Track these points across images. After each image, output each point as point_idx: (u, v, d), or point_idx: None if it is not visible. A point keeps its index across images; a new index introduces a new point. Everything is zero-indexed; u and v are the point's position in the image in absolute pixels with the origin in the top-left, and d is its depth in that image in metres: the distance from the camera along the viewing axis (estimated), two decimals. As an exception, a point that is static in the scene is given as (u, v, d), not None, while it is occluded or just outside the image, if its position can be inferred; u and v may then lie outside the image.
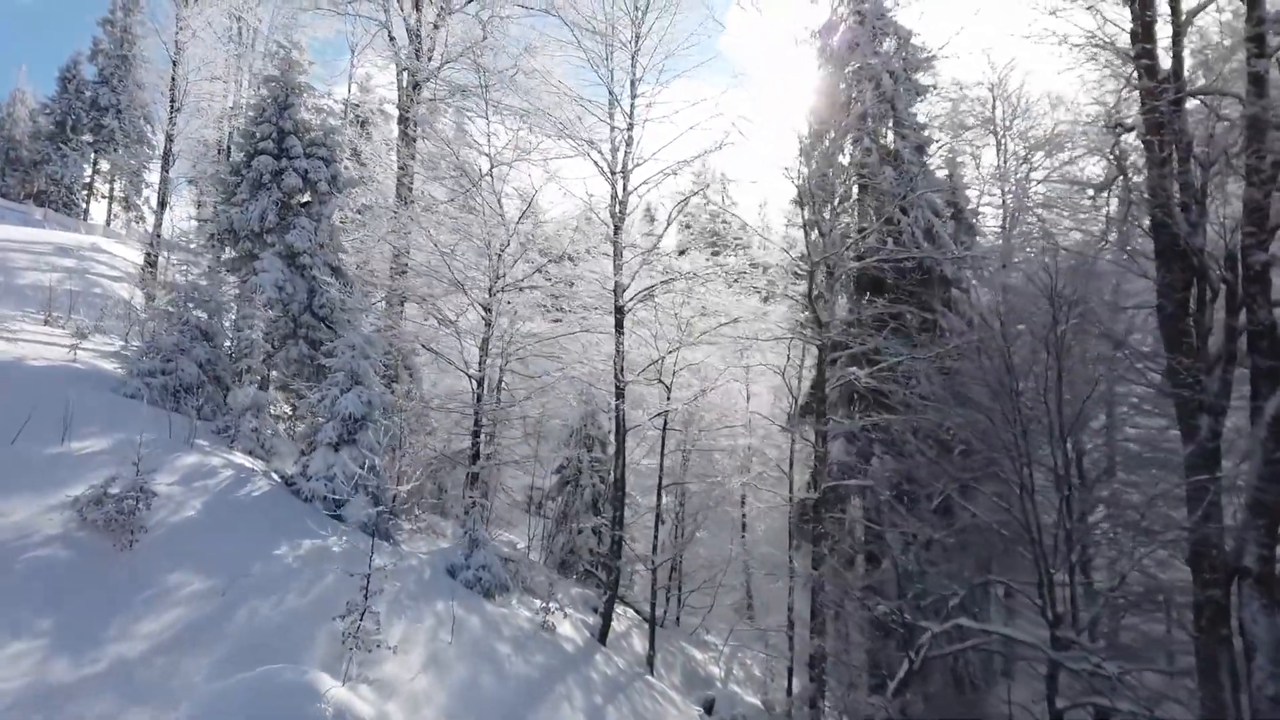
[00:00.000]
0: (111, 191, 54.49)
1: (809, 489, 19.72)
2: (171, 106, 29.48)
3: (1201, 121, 13.85)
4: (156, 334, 16.21)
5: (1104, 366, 12.45)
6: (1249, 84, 12.83)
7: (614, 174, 17.50)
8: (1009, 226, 25.13)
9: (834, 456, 18.01)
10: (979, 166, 26.47)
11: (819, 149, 17.58)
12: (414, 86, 23.18)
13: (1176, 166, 13.30)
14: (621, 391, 17.06)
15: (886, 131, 20.14)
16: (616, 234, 17.41)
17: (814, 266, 16.46)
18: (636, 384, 18.51)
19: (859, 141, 19.31)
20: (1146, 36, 13.54)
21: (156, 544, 9.84)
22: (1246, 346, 12.58)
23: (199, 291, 16.49)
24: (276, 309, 18.15)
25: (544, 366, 21.19)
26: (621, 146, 17.52)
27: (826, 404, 17.11)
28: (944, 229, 19.35)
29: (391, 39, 24.38)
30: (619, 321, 17.28)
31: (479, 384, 18.93)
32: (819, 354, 17.83)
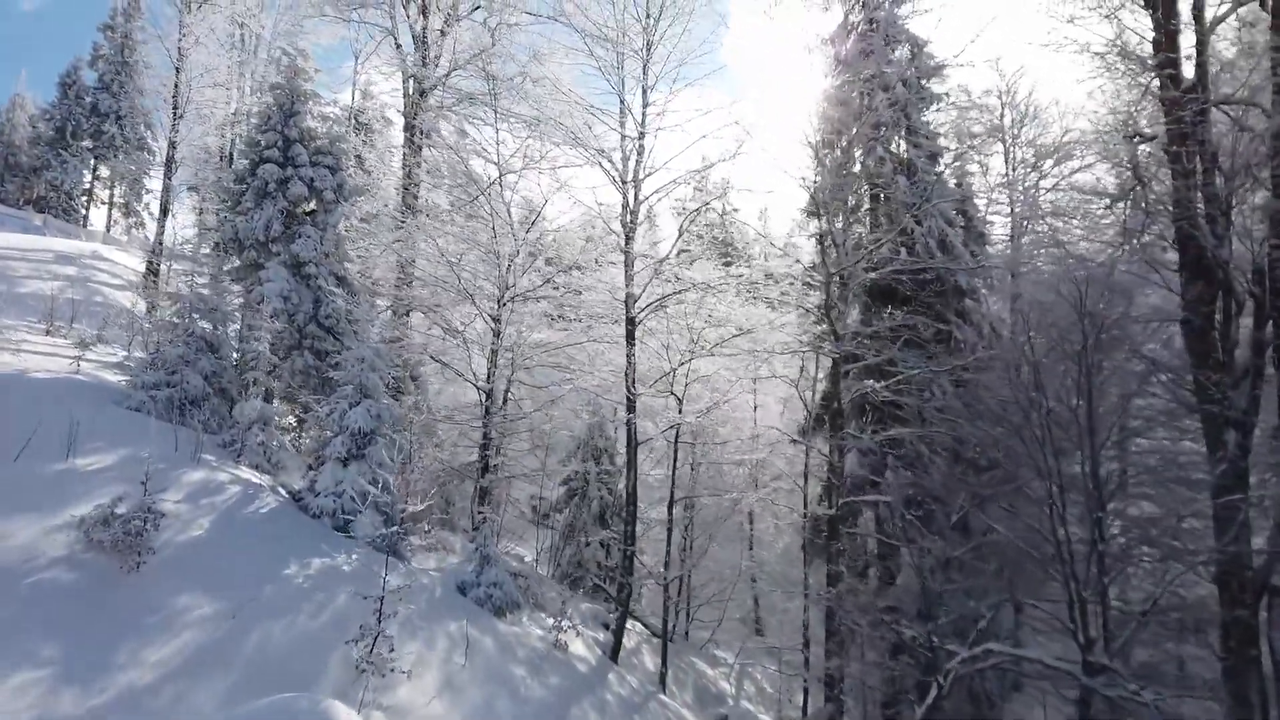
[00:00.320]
0: (111, 198, 54.25)
1: (820, 502, 19.46)
2: (174, 113, 29.26)
3: (1225, 132, 13.63)
4: (161, 345, 15.95)
5: (1134, 382, 12.20)
6: (1275, 94, 12.66)
7: (625, 183, 17.24)
8: (1018, 235, 24.95)
9: (847, 470, 17.74)
10: (986, 174, 26.29)
11: (831, 158, 17.34)
12: (420, 94, 22.95)
13: (1201, 178, 13.06)
14: (633, 404, 16.78)
15: (899, 140, 19.92)
16: (628, 244, 17.14)
17: (829, 279, 16.19)
18: (646, 395, 18.22)
19: (871, 150, 19.08)
20: (1170, 45, 13.34)
21: (164, 565, 9.57)
22: (1275, 361, 12.38)
23: (204, 302, 16.25)
24: (282, 319, 17.90)
25: (552, 377, 20.93)
26: (633, 155, 17.26)
27: (844, 417, 16.83)
28: (957, 238, 19.13)
29: (398, 46, 24.14)
30: (630, 333, 17.01)
31: (487, 396, 18.65)
32: (833, 366, 17.54)
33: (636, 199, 17.31)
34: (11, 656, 7.34)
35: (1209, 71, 13.46)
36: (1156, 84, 14.55)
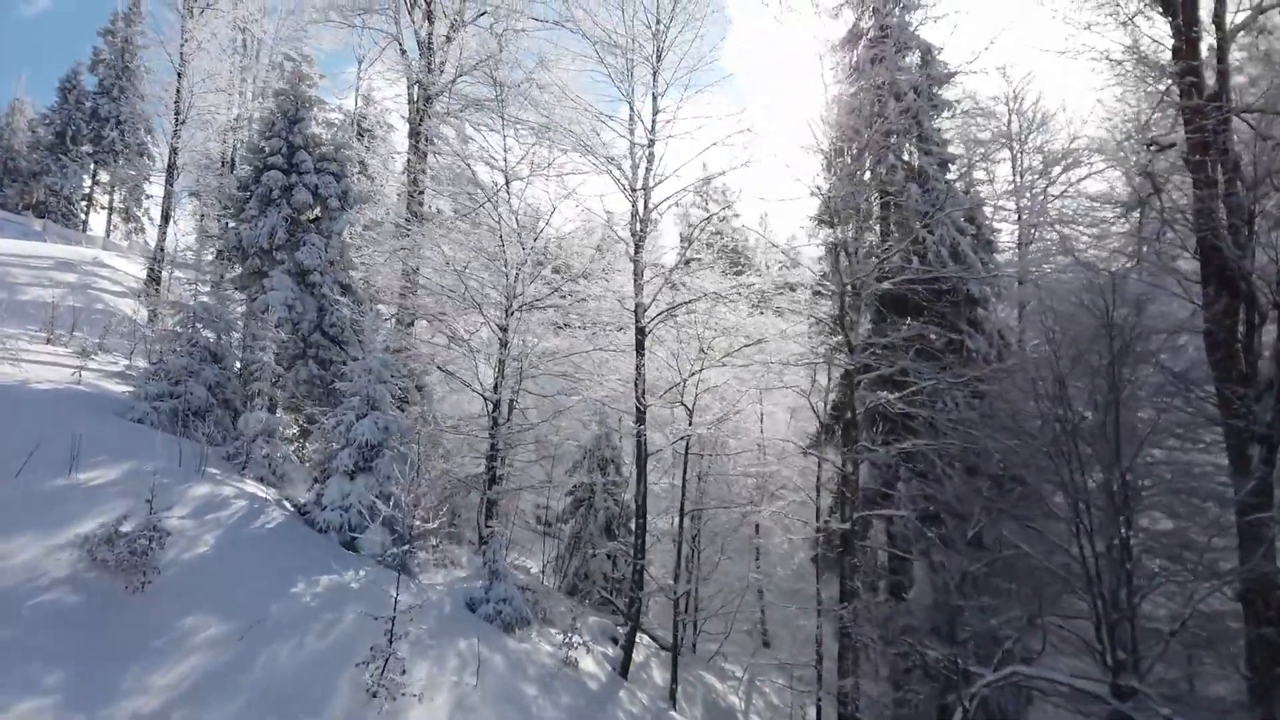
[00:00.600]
0: (111, 203, 54.03)
1: (831, 514, 19.18)
2: (176, 119, 29.00)
3: (1246, 141, 13.40)
4: (164, 355, 15.73)
5: (1158, 394, 11.97)
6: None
7: (635, 190, 17.02)
8: (1025, 242, 24.75)
9: (860, 482, 17.46)
10: (992, 181, 26.09)
11: (842, 165, 17.10)
12: (426, 100, 22.72)
13: (1223, 188, 12.84)
14: (642, 415, 16.51)
15: (910, 147, 19.71)
16: (638, 253, 16.89)
17: (844, 289, 15.94)
18: (655, 406, 17.96)
19: (883, 158, 18.85)
20: (1191, 53, 13.11)
21: (169, 585, 9.32)
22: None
23: (208, 311, 16.02)
24: (286, 328, 17.65)
25: (559, 386, 20.67)
26: (643, 162, 17.04)
27: (857, 429, 16.56)
28: (969, 247, 18.90)
29: (403, 51, 23.94)
30: (640, 343, 16.75)
31: (495, 406, 18.38)
32: (844, 377, 17.26)
33: (646, 207, 17.07)
34: (14, 685, 7.09)
35: (1229, 79, 13.24)
36: (1174, 91, 14.37)
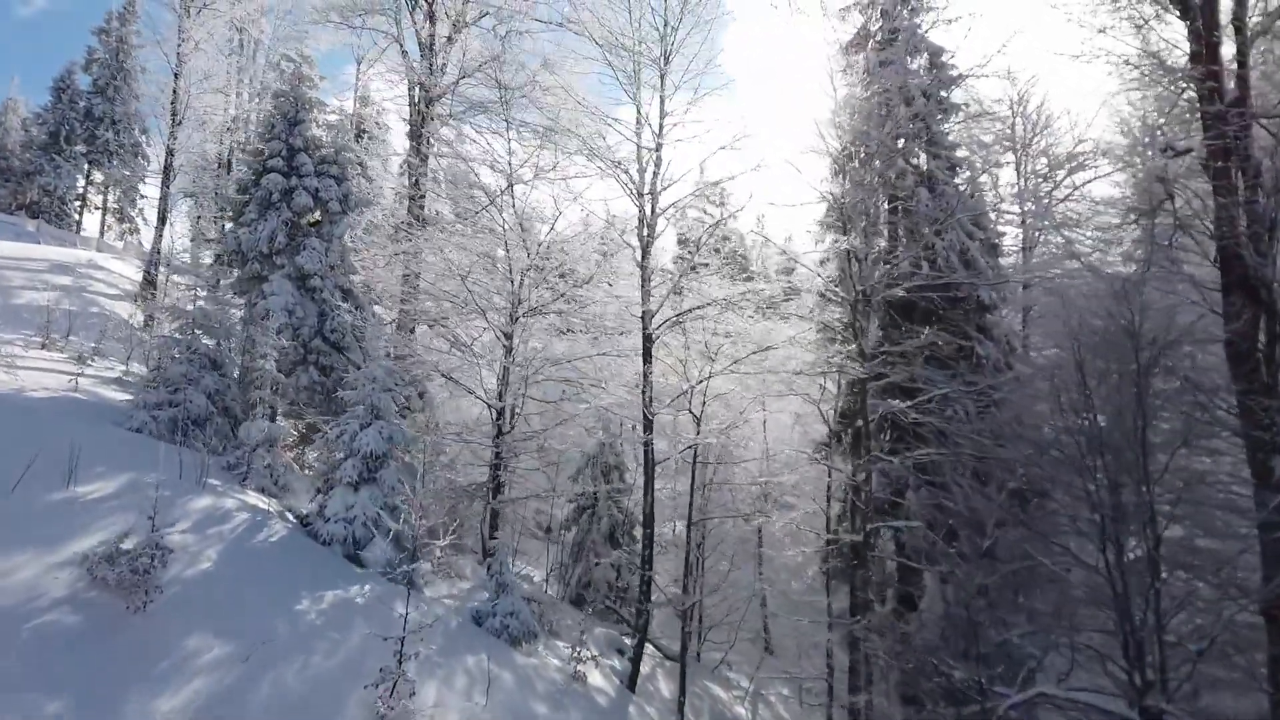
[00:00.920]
0: (105, 203, 53.47)
1: (840, 523, 18.95)
2: (173, 120, 28.60)
3: (1267, 148, 13.18)
4: (162, 363, 15.42)
5: (1177, 405, 11.75)
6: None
7: (642, 195, 16.75)
8: (1029, 246, 24.58)
9: (865, 490, 17.19)
10: (996, 185, 25.90)
11: (854, 170, 16.85)
12: (427, 103, 22.39)
13: (1244, 195, 12.62)
14: (650, 424, 16.23)
15: (918, 151, 19.46)
16: (645, 259, 16.62)
17: (857, 296, 15.68)
18: (663, 414, 17.67)
19: (892, 162, 18.59)
20: (1211, 58, 12.86)
21: (172, 604, 9.04)
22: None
23: (207, 318, 15.72)
24: (287, 334, 17.34)
25: (561, 391, 20.37)
26: (650, 166, 16.77)
27: (871, 437, 16.30)
28: (979, 252, 18.66)
29: (404, 52, 23.58)
30: (647, 351, 16.47)
31: (499, 414, 18.07)
32: (857, 384, 16.95)
33: (654, 212, 16.80)
34: (15, 713, 6.80)
35: (1250, 85, 13.02)
36: (1189, 95, 14.16)
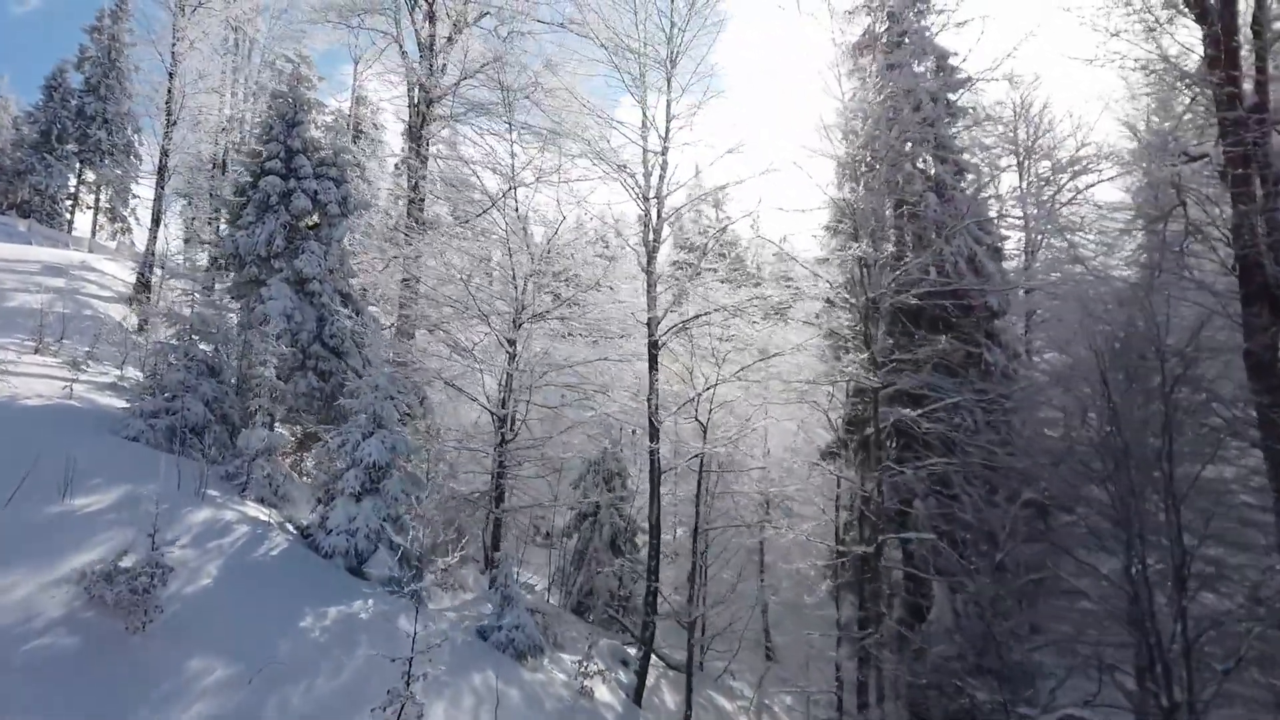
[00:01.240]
0: (97, 203, 52.93)
1: (847, 532, 18.72)
2: (167, 119, 28.18)
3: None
4: (159, 369, 15.07)
5: (1194, 416, 11.57)
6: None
7: (647, 199, 16.49)
8: (1032, 250, 24.44)
9: (876, 500, 16.95)
10: (998, 189, 25.75)
11: (863, 175, 16.61)
12: (427, 104, 22.07)
13: (1263, 202, 12.44)
14: (656, 432, 15.97)
15: (926, 156, 19.25)
16: (650, 264, 16.36)
17: (869, 304, 15.44)
18: (669, 422, 17.41)
19: (899, 167, 18.36)
20: (1230, 63, 12.68)
21: (172, 623, 8.73)
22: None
23: (205, 323, 15.39)
24: (285, 339, 17.02)
25: (565, 397, 20.09)
26: (655, 169, 16.51)
27: (880, 446, 16.07)
28: (987, 257, 18.46)
29: (403, 53, 23.25)
30: (653, 357, 16.21)
31: (501, 422, 17.77)
32: (866, 393, 16.70)
33: (660, 216, 16.54)
34: (9, 744, 6.51)
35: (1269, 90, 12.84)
36: (1203, 100, 14.01)
